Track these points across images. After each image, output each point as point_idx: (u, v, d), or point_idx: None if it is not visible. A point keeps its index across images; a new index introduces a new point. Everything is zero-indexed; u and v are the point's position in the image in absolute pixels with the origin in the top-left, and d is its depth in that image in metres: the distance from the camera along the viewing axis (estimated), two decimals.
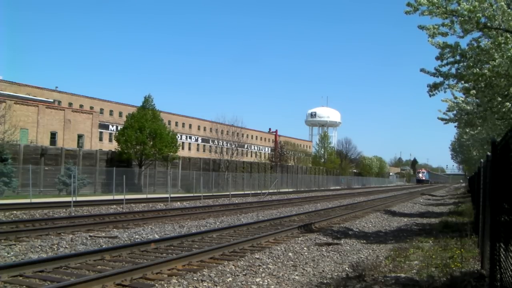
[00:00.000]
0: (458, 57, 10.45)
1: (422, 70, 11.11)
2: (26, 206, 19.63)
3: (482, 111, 11.79)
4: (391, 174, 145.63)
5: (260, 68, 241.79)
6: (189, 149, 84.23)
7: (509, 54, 9.27)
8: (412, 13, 10.01)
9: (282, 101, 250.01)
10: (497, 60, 9.56)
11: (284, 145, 77.64)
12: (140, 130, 37.75)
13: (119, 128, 46.05)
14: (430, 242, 12.42)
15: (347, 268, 8.89)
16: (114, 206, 22.60)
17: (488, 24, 9.52)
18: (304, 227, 14.82)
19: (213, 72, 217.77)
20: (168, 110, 72.66)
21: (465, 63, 10.43)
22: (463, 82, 10.96)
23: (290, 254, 10.29)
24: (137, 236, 12.67)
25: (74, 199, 21.19)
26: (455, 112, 14.03)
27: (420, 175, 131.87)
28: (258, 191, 40.71)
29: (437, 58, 10.65)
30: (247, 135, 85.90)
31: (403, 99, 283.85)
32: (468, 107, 13.06)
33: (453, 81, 11.08)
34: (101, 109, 68.59)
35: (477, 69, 10.00)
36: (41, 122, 49.08)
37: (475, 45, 10.25)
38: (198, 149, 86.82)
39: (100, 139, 63.34)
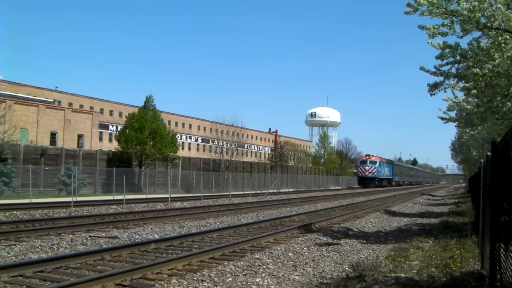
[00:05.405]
0: (458, 57, 10.45)
1: (421, 68, 11.07)
2: (26, 206, 19.62)
3: (482, 111, 11.77)
4: None
5: (260, 68, 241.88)
6: (189, 149, 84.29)
7: (509, 54, 9.27)
8: (412, 14, 10.01)
9: (282, 101, 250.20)
10: (497, 60, 9.56)
11: (284, 145, 77.77)
12: (140, 130, 37.80)
13: (119, 128, 46.10)
14: (430, 242, 12.42)
15: (347, 268, 8.88)
16: (114, 206, 22.60)
17: (488, 24, 9.51)
18: (304, 227, 14.81)
19: (213, 72, 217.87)
20: (168, 110, 72.80)
21: (465, 63, 10.42)
22: (463, 82, 10.95)
23: (290, 254, 10.29)
24: (137, 236, 12.66)
25: (74, 199, 21.18)
26: (455, 111, 14.01)
27: (367, 167, 65.40)
28: (258, 191, 40.69)
29: (437, 58, 10.65)
30: (247, 135, 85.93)
31: (403, 99, 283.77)
32: (468, 107, 13.04)
33: (453, 80, 11.08)
34: (101, 109, 68.66)
35: (477, 69, 10.00)
36: (41, 122, 49.10)
37: (475, 45, 10.25)
38: (198, 149, 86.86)
39: (100, 139, 63.39)
